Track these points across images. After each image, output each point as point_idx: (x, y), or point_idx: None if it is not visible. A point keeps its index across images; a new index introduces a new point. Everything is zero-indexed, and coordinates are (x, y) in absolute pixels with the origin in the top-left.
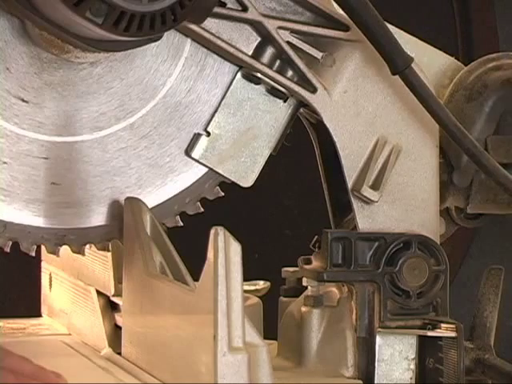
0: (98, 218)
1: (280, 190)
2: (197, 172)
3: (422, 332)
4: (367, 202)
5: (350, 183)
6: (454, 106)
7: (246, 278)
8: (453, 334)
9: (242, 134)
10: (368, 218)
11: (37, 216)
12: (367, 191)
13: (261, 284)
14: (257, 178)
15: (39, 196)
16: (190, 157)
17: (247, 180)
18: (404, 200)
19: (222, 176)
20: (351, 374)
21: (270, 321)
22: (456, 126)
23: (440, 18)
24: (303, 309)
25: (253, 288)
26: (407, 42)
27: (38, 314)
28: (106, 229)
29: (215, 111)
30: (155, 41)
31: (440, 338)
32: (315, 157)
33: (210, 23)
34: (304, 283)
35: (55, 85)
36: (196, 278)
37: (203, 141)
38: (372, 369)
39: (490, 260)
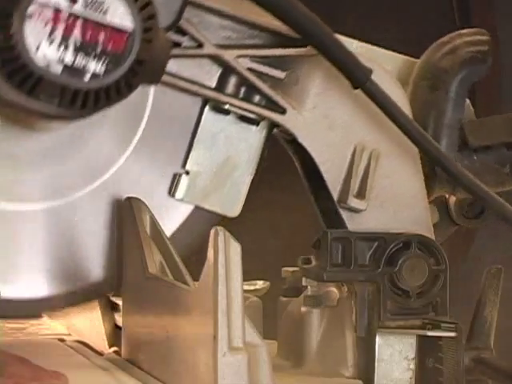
0: None
1: (280, 190)
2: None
3: (421, 332)
4: (356, 211)
5: (335, 196)
6: (419, 99)
7: (246, 278)
8: (453, 334)
9: (221, 167)
10: (359, 225)
11: None
12: (354, 201)
13: (260, 284)
14: (257, 178)
15: None
16: (174, 198)
17: (234, 210)
18: (392, 201)
19: (209, 211)
20: (351, 373)
21: (270, 321)
22: (421, 134)
23: (440, 18)
24: (303, 309)
25: (252, 288)
26: (365, 51)
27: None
28: None
29: (190, 149)
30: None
31: (440, 337)
32: None
33: (170, 64)
34: (304, 283)
35: None
36: (196, 278)
37: (184, 180)
38: (372, 369)
39: (489, 260)
